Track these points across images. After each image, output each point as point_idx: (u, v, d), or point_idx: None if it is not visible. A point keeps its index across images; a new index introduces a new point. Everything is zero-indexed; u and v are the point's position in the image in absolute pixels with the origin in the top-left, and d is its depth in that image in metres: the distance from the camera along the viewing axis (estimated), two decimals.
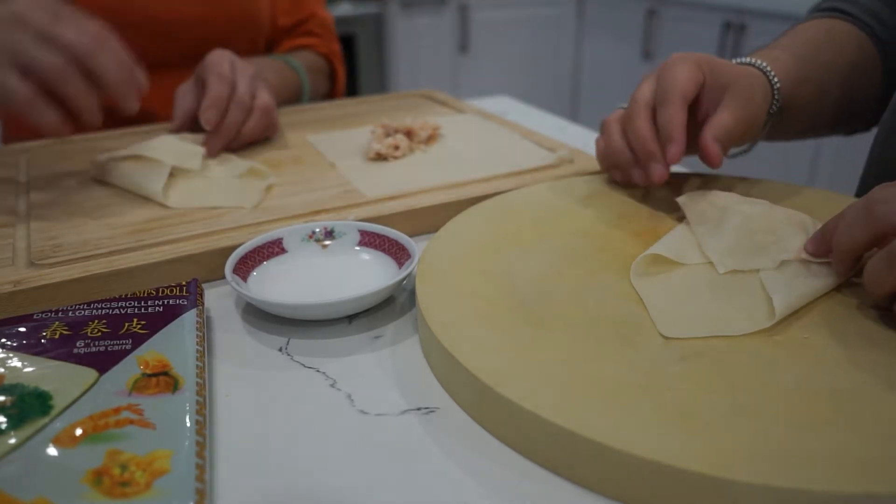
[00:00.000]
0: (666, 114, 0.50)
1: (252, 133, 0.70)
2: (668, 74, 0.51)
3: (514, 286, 0.43)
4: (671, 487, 0.29)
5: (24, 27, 0.51)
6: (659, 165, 0.50)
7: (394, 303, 0.48)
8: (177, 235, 0.52)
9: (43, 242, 0.51)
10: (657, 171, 0.50)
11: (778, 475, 0.28)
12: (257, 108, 0.69)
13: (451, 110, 0.86)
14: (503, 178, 0.62)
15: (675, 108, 0.49)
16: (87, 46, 0.52)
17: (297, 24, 0.96)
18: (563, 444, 0.31)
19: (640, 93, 0.53)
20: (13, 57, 0.51)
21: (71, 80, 0.52)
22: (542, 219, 0.52)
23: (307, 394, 0.39)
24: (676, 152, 0.49)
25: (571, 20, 2.82)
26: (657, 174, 0.50)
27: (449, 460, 0.34)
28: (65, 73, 0.51)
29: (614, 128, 0.55)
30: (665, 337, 0.38)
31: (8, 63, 0.50)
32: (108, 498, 0.29)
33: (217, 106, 0.66)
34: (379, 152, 0.67)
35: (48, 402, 0.34)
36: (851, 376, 0.34)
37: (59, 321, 0.41)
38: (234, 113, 0.67)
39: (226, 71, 0.68)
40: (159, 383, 0.36)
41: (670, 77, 0.51)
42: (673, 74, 0.51)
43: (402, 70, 2.60)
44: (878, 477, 0.28)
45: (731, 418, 0.32)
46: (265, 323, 0.46)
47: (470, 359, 0.36)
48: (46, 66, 0.51)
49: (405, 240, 0.49)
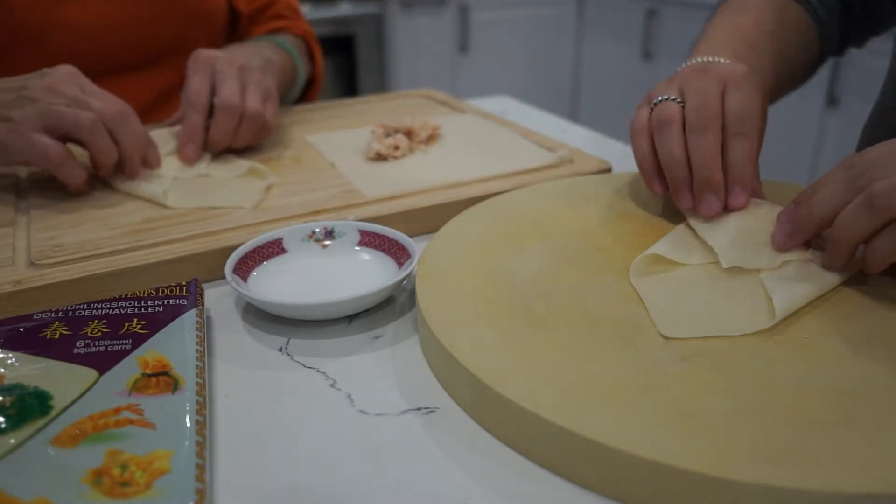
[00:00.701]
0: (740, 149, 0.45)
1: (242, 142, 0.67)
2: (742, 98, 0.46)
3: (514, 286, 0.43)
4: (671, 487, 0.29)
5: (57, 95, 0.56)
6: (716, 200, 0.46)
7: (394, 303, 0.48)
8: (177, 235, 0.52)
9: (43, 242, 0.51)
10: (713, 206, 0.46)
11: (778, 475, 0.28)
12: (245, 118, 0.66)
13: (451, 110, 0.86)
14: (503, 178, 0.62)
15: (752, 144, 0.45)
16: (113, 115, 0.58)
17: (261, 8, 0.93)
18: (563, 444, 0.31)
19: (706, 102, 0.46)
20: (43, 118, 0.55)
21: (100, 133, 0.57)
22: (542, 219, 0.52)
23: (307, 394, 0.39)
24: (742, 201, 0.45)
25: (571, 20, 2.82)
26: (712, 209, 0.46)
27: (449, 460, 0.34)
28: (97, 127, 0.56)
29: (673, 132, 0.47)
30: (665, 337, 0.38)
31: (41, 126, 0.55)
32: (108, 498, 0.29)
33: (194, 139, 0.64)
34: (379, 152, 0.67)
35: (48, 403, 0.34)
36: (852, 376, 0.34)
37: (59, 321, 0.41)
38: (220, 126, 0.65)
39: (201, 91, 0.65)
40: (159, 383, 0.36)
41: (746, 102, 0.46)
42: (749, 101, 0.46)
43: (402, 70, 2.60)
44: (878, 477, 0.28)
45: (731, 418, 0.32)
46: (265, 323, 0.46)
47: (470, 359, 0.36)
48: (80, 120, 0.55)
49: (405, 240, 0.49)
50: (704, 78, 0.47)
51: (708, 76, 0.48)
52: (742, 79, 0.47)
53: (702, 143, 0.45)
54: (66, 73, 0.58)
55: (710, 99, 0.46)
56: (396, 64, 2.58)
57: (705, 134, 0.45)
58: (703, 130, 0.45)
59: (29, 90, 0.56)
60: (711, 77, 0.47)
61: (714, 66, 0.49)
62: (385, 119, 0.81)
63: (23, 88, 0.56)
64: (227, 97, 0.65)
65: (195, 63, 0.67)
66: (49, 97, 0.56)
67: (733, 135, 0.45)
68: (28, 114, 0.54)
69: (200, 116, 0.65)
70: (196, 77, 0.66)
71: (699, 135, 0.45)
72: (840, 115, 1.94)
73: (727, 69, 0.48)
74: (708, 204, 0.46)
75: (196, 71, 0.67)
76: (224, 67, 0.67)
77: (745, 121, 0.45)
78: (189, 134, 0.64)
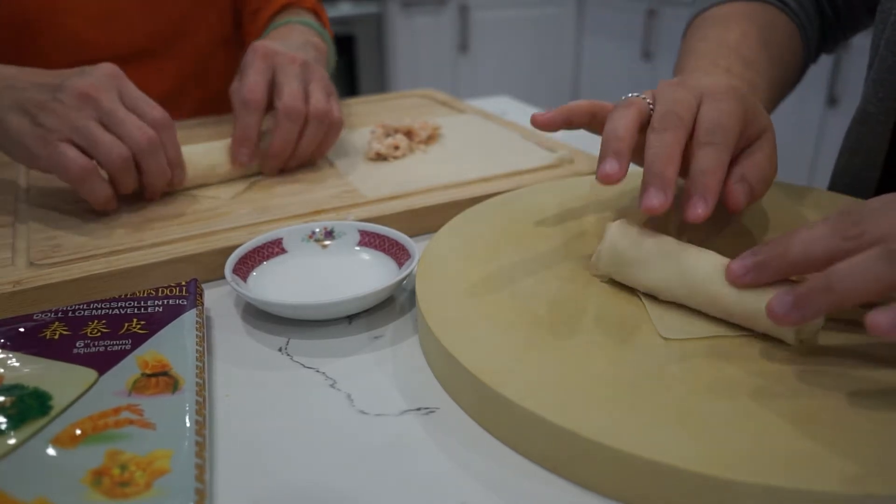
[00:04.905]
0: (705, 156, 0.40)
1: (309, 147, 0.63)
2: (717, 109, 0.42)
3: (514, 286, 0.43)
4: (671, 487, 0.29)
5: (91, 105, 0.52)
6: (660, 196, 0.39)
7: (394, 303, 0.48)
8: (177, 235, 0.52)
9: (43, 242, 0.51)
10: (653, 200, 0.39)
11: (778, 475, 0.28)
12: (311, 120, 0.61)
13: (451, 110, 0.86)
14: (503, 178, 0.62)
15: (720, 154, 0.40)
16: (143, 146, 0.53)
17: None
18: (563, 444, 0.31)
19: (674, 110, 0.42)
20: (73, 133, 0.51)
21: (127, 171, 0.53)
22: (542, 219, 0.52)
23: (307, 394, 0.39)
24: (699, 213, 0.39)
25: (571, 20, 2.82)
26: (652, 202, 0.39)
27: (449, 460, 0.34)
28: (126, 165, 0.53)
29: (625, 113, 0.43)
30: (665, 338, 0.38)
31: (67, 138, 0.51)
32: (108, 498, 0.29)
33: (247, 142, 0.60)
34: (379, 152, 0.67)
35: (48, 403, 0.34)
36: (852, 376, 0.34)
37: (59, 321, 0.41)
38: (283, 130, 0.60)
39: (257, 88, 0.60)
40: (159, 383, 0.36)
41: (721, 113, 0.42)
42: (725, 113, 0.42)
43: (402, 70, 2.60)
44: (878, 478, 0.28)
45: (731, 418, 0.32)
46: (265, 323, 0.46)
47: (470, 359, 0.36)
48: (111, 156, 0.52)
49: (405, 240, 0.49)
50: (680, 89, 0.44)
51: (684, 87, 0.44)
52: (722, 92, 0.43)
53: (659, 139, 0.41)
54: (105, 76, 0.54)
55: (679, 108, 0.42)
56: (396, 64, 2.58)
57: (664, 133, 0.41)
58: (663, 130, 0.41)
59: (65, 93, 0.52)
60: (687, 88, 0.44)
61: (693, 80, 0.45)
62: (385, 119, 0.81)
63: (59, 89, 0.52)
64: (290, 98, 0.60)
65: (253, 56, 0.62)
66: (84, 107, 0.52)
67: (702, 144, 0.41)
68: (58, 124, 0.51)
69: (255, 116, 0.60)
70: (252, 72, 0.61)
71: (658, 133, 0.41)
72: (840, 115, 1.94)
73: (707, 82, 0.44)
74: (649, 197, 0.39)
75: (253, 65, 0.61)
76: (286, 64, 0.62)
77: (717, 131, 0.41)
78: (243, 135, 0.60)
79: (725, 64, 0.52)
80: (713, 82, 0.44)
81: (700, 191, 0.40)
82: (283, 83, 0.61)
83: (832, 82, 1.94)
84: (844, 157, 0.62)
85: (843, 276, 0.31)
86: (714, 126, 0.41)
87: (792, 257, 0.35)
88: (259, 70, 0.61)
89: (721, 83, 0.44)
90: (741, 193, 0.42)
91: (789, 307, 0.33)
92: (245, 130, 0.60)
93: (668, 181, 0.39)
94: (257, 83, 0.60)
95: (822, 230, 0.34)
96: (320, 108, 0.61)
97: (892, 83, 0.54)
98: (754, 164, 0.43)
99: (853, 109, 0.60)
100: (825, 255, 0.34)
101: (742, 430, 0.31)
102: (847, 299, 0.31)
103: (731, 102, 0.42)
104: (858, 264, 0.31)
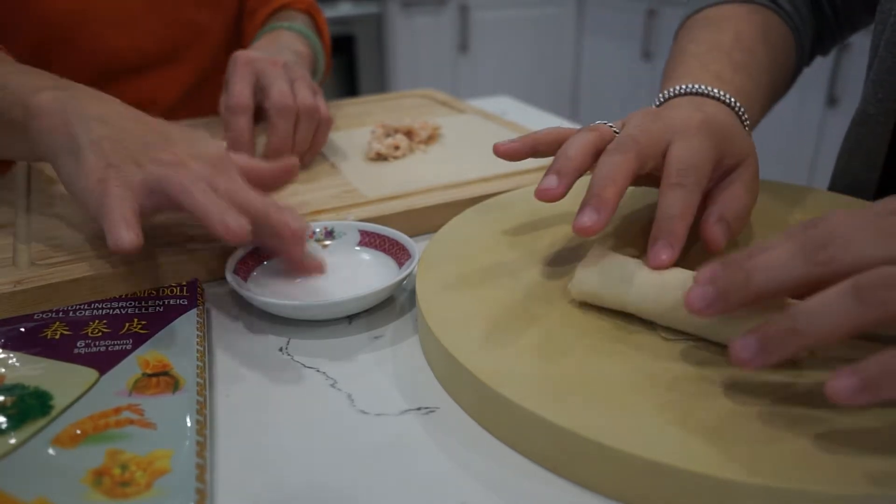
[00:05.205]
0: (673, 199, 0.39)
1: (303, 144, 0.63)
2: (688, 147, 0.41)
3: (513, 286, 0.43)
4: (671, 487, 0.29)
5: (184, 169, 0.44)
6: (593, 216, 0.38)
7: (394, 303, 0.48)
8: (177, 235, 0.52)
9: (44, 242, 0.51)
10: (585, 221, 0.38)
11: (778, 475, 0.28)
12: (302, 115, 0.61)
13: (451, 110, 0.86)
14: (503, 178, 0.62)
15: (689, 197, 0.39)
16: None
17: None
18: (563, 444, 0.32)
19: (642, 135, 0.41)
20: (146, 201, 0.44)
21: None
22: (542, 219, 0.52)
23: (307, 394, 0.39)
24: (663, 259, 0.38)
25: (571, 20, 2.82)
26: (584, 224, 0.38)
27: (449, 460, 0.34)
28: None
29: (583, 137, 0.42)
30: (665, 338, 0.38)
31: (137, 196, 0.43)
32: (109, 498, 0.29)
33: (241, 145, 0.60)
34: (379, 152, 0.67)
35: (48, 403, 0.34)
36: None
37: (59, 321, 0.41)
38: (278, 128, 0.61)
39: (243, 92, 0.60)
40: (159, 383, 0.36)
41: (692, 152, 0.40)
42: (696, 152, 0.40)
43: (402, 70, 2.60)
44: (878, 478, 0.28)
45: (731, 418, 0.32)
46: (265, 323, 0.46)
47: (470, 359, 0.36)
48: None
49: (405, 240, 0.50)
50: (648, 119, 0.43)
51: (655, 119, 0.43)
52: (694, 128, 0.42)
53: (607, 160, 0.40)
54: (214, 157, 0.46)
55: (640, 134, 0.41)
56: (396, 64, 2.58)
57: (614, 154, 0.40)
58: (614, 152, 0.40)
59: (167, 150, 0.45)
60: (660, 122, 0.43)
61: (668, 113, 0.44)
62: (385, 119, 0.81)
63: (168, 142, 0.46)
64: (279, 96, 0.60)
65: (234, 65, 0.63)
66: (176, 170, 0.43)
67: (672, 185, 0.39)
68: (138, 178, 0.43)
69: (244, 118, 0.60)
70: (237, 79, 0.62)
71: (608, 154, 0.40)
72: (840, 115, 1.94)
73: (681, 117, 0.43)
74: (581, 217, 0.38)
75: (236, 73, 0.62)
76: (267, 67, 0.63)
77: (689, 172, 0.39)
78: (236, 138, 0.60)
79: (716, 68, 0.51)
80: (686, 117, 0.43)
81: (665, 236, 0.38)
82: (269, 84, 0.62)
83: (832, 83, 1.94)
84: (844, 158, 0.62)
85: (811, 320, 0.29)
86: (685, 166, 0.40)
87: (755, 287, 0.32)
88: (242, 77, 0.62)
89: (693, 118, 0.43)
90: (720, 234, 0.41)
91: (755, 352, 0.30)
92: (237, 134, 0.60)
93: (606, 202, 0.38)
94: (242, 89, 0.61)
95: (786, 252, 0.32)
96: (308, 104, 0.62)
97: (892, 84, 0.54)
98: (732, 197, 0.42)
99: (853, 110, 0.60)
100: (792, 283, 0.31)
101: (742, 430, 0.31)
102: (817, 343, 0.29)
103: (702, 139, 0.41)
104: (827, 305, 0.29)
